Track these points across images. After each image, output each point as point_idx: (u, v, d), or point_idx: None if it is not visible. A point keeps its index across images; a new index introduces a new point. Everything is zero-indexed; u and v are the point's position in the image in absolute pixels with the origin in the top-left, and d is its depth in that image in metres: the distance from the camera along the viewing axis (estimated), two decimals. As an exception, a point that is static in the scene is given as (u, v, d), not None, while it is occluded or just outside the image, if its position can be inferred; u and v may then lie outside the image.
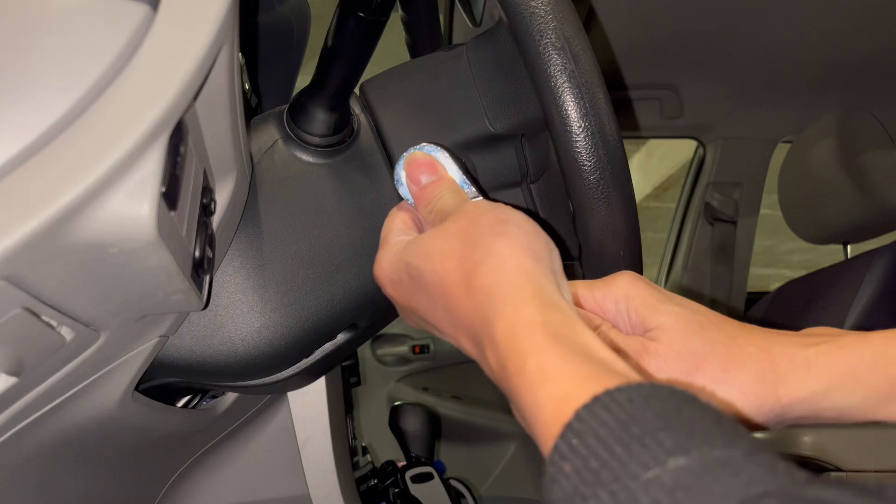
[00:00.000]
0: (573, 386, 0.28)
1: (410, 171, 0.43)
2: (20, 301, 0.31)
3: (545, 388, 0.29)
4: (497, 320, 0.33)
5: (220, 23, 0.34)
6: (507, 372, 0.31)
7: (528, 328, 0.31)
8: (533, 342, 0.31)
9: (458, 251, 0.37)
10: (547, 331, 0.31)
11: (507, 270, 0.34)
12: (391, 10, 0.52)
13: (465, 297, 0.35)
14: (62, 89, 0.31)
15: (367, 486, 1.01)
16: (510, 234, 0.36)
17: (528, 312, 0.32)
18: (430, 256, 0.38)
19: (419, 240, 0.39)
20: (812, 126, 1.48)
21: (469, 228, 0.37)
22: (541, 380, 0.29)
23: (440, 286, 0.37)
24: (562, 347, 0.30)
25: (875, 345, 0.38)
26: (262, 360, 0.54)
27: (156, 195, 0.32)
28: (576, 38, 0.43)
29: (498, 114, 0.55)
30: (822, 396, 0.37)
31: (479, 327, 0.34)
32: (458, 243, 0.37)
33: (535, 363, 0.30)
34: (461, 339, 0.37)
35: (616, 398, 0.26)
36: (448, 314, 0.37)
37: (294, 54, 0.79)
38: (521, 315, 0.32)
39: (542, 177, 0.61)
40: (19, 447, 0.41)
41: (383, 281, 0.43)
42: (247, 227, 0.53)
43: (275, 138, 0.56)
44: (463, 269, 0.36)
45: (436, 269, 0.37)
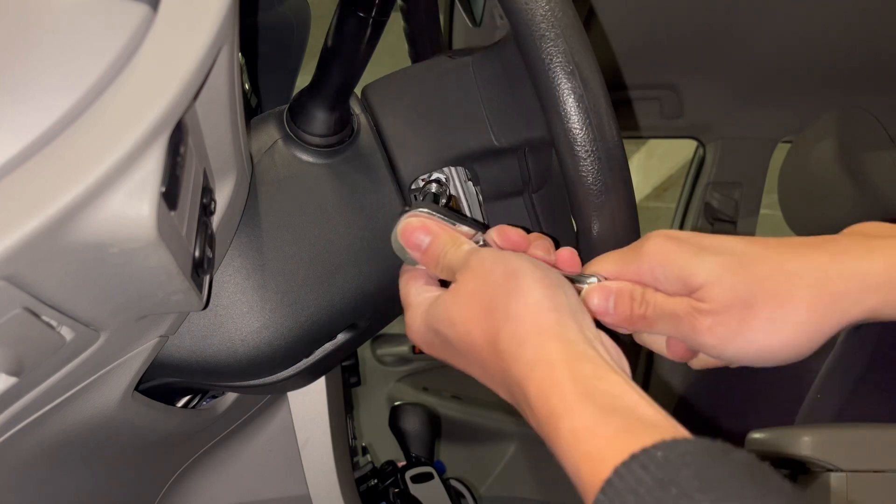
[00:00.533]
0: (605, 444, 0.29)
1: (407, 239, 0.44)
2: (20, 301, 0.31)
3: (580, 448, 0.30)
4: (528, 385, 0.33)
5: (220, 23, 0.34)
6: (545, 433, 0.33)
7: (557, 389, 0.32)
8: (564, 403, 0.32)
9: (476, 316, 0.37)
10: (576, 389, 0.32)
11: (529, 332, 0.34)
12: (391, 10, 0.52)
13: (494, 361, 0.36)
14: (62, 89, 0.31)
15: (367, 486, 1.01)
16: (523, 291, 0.36)
17: (556, 373, 0.33)
18: (453, 324, 0.39)
19: (440, 305, 0.40)
20: (812, 126, 1.48)
21: (481, 289, 0.37)
22: (574, 440, 0.30)
23: (471, 351, 0.38)
24: (592, 405, 0.31)
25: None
26: (261, 360, 0.54)
27: (156, 195, 0.32)
28: (585, 62, 0.44)
29: (503, 129, 0.55)
30: (881, 306, 0.36)
31: (513, 388, 0.35)
32: (475, 308, 0.37)
33: (568, 425, 0.31)
34: (502, 393, 0.38)
35: (653, 456, 0.27)
36: (485, 374, 0.38)
37: (294, 54, 0.79)
38: (549, 377, 0.33)
39: (544, 187, 0.61)
40: (19, 447, 0.41)
41: (418, 342, 0.43)
42: (247, 227, 0.53)
43: (275, 138, 0.56)
44: (486, 335, 0.36)
45: (461, 336, 0.38)
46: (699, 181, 2.01)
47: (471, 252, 0.40)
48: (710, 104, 1.84)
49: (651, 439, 0.28)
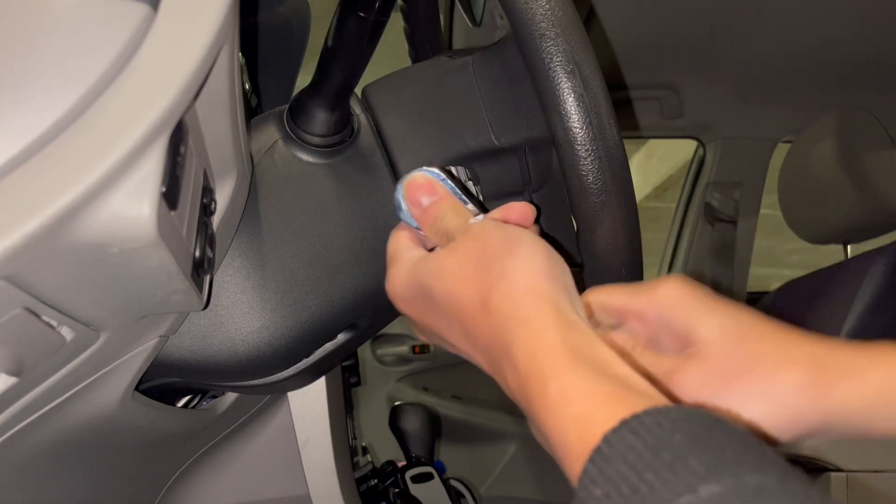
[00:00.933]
0: (597, 408, 0.28)
1: (410, 194, 0.43)
2: (20, 301, 0.31)
3: (568, 411, 0.29)
4: (516, 343, 0.33)
5: (220, 23, 0.34)
6: (529, 395, 0.31)
7: (549, 350, 0.31)
8: (553, 364, 0.31)
9: (471, 273, 0.36)
10: (567, 351, 0.31)
11: (523, 292, 0.34)
12: (391, 10, 0.52)
13: (481, 320, 0.35)
14: (62, 89, 0.31)
15: (367, 486, 1.01)
16: (522, 254, 0.35)
17: (548, 334, 0.32)
18: (443, 277, 0.38)
19: (431, 259, 0.39)
20: (812, 126, 1.48)
21: (481, 250, 0.37)
22: (563, 402, 0.29)
23: (455, 307, 0.37)
24: (583, 367, 0.30)
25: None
26: (262, 360, 0.54)
27: (156, 195, 0.32)
28: (585, 62, 0.43)
29: (503, 128, 0.55)
30: (872, 411, 0.34)
31: (496, 349, 0.34)
32: (471, 265, 0.37)
33: (557, 385, 0.30)
34: (478, 359, 0.37)
35: (644, 422, 0.26)
36: (465, 334, 0.37)
37: (294, 54, 0.79)
38: (541, 337, 0.32)
39: (545, 186, 0.61)
40: (19, 447, 0.41)
41: (396, 299, 0.42)
42: (247, 227, 0.53)
43: (275, 138, 0.56)
44: (478, 291, 0.36)
45: (450, 290, 0.37)
46: (699, 181, 2.01)
47: (472, 222, 0.40)
48: (710, 104, 1.84)
49: (643, 406, 0.27)
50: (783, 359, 0.35)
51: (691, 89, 1.80)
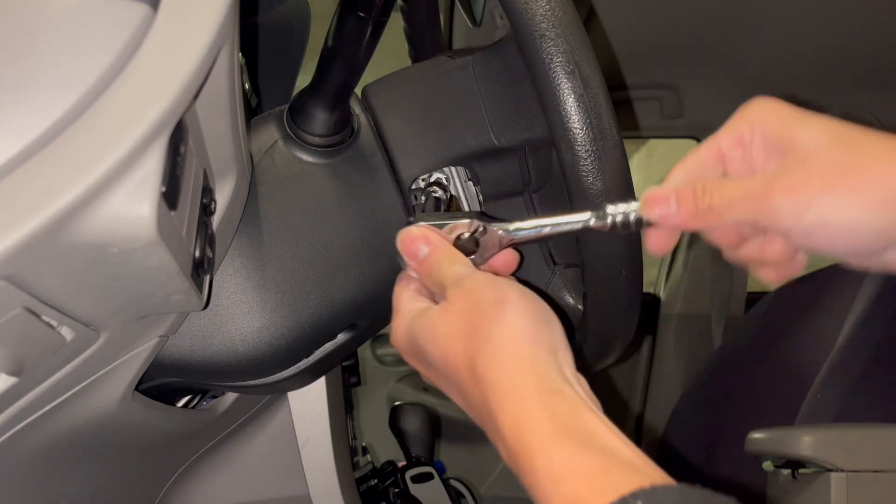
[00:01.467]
0: (583, 488, 0.28)
1: (406, 248, 0.43)
2: (20, 301, 0.31)
3: (556, 490, 0.29)
4: (501, 415, 0.33)
5: (220, 23, 0.34)
6: (519, 468, 0.32)
7: (533, 423, 0.31)
8: (539, 440, 0.31)
9: (461, 334, 0.37)
10: (553, 424, 0.31)
11: (506, 360, 0.34)
12: (391, 10, 0.52)
13: (471, 385, 0.36)
14: (62, 89, 0.31)
15: (367, 486, 1.01)
16: (508, 319, 0.35)
17: (532, 406, 0.32)
18: (436, 338, 0.38)
19: (426, 318, 0.39)
20: (812, 126, 1.47)
21: (469, 310, 0.37)
22: (551, 481, 0.30)
23: (448, 369, 0.38)
24: (569, 441, 0.30)
25: None
26: (262, 360, 0.54)
27: (156, 195, 0.32)
28: (585, 62, 0.43)
29: (503, 129, 0.55)
30: None
31: (485, 415, 0.35)
32: (459, 325, 0.37)
33: (543, 463, 0.30)
34: (476, 420, 0.38)
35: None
36: (460, 396, 0.38)
37: (294, 54, 0.79)
38: (525, 409, 0.32)
39: (544, 186, 0.61)
40: (20, 447, 0.41)
41: (399, 350, 0.43)
42: (247, 227, 0.53)
43: (275, 138, 0.56)
44: (467, 354, 0.36)
45: (442, 352, 0.38)
46: (699, 181, 2.01)
47: (464, 273, 0.39)
48: (710, 104, 1.84)
49: (630, 484, 0.27)
50: (888, 154, 0.33)
51: (691, 89, 1.80)
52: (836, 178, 0.33)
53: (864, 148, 0.33)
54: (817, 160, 0.33)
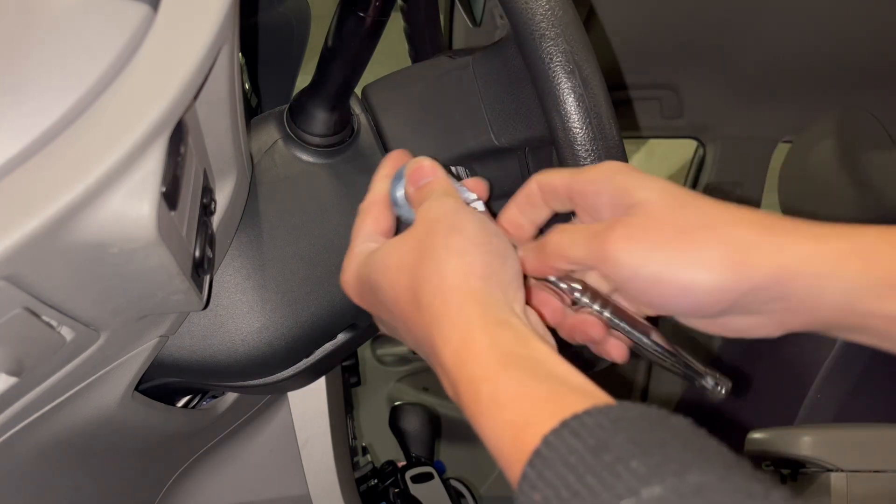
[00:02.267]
0: (531, 411, 0.27)
1: (411, 174, 0.41)
2: (20, 301, 0.31)
3: (502, 416, 0.28)
4: (444, 346, 0.32)
5: (220, 23, 0.34)
6: (462, 399, 0.31)
7: (477, 353, 0.30)
8: (483, 367, 0.30)
9: (410, 264, 0.35)
10: (496, 352, 0.30)
11: (451, 289, 0.33)
12: (391, 10, 0.52)
13: (416, 316, 0.34)
14: (62, 89, 0.31)
15: (367, 486, 1.01)
16: (457, 248, 0.34)
17: (475, 335, 0.31)
18: (386, 270, 0.37)
19: (380, 251, 0.38)
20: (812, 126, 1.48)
21: (424, 238, 0.36)
22: (496, 407, 0.28)
23: (395, 303, 0.36)
24: (514, 369, 0.29)
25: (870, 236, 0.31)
26: (262, 360, 0.54)
27: (156, 195, 0.32)
28: (585, 62, 0.43)
29: (503, 128, 0.55)
30: (821, 280, 0.31)
31: (430, 349, 0.34)
32: (412, 255, 0.35)
33: (488, 390, 0.29)
34: (422, 354, 0.36)
35: (585, 422, 0.25)
36: (406, 330, 0.37)
37: (294, 54, 0.79)
38: (468, 339, 0.31)
39: None
40: (20, 447, 0.41)
41: (348, 291, 0.41)
42: (247, 227, 0.53)
43: (275, 138, 0.56)
44: (411, 286, 0.35)
45: (391, 283, 0.36)
46: (699, 181, 2.01)
47: (442, 202, 0.38)
48: (710, 104, 1.84)
49: (581, 405, 0.26)
50: (735, 218, 0.33)
51: (691, 89, 1.80)
52: (675, 236, 0.33)
53: (706, 210, 0.33)
54: (660, 217, 0.33)
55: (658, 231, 0.33)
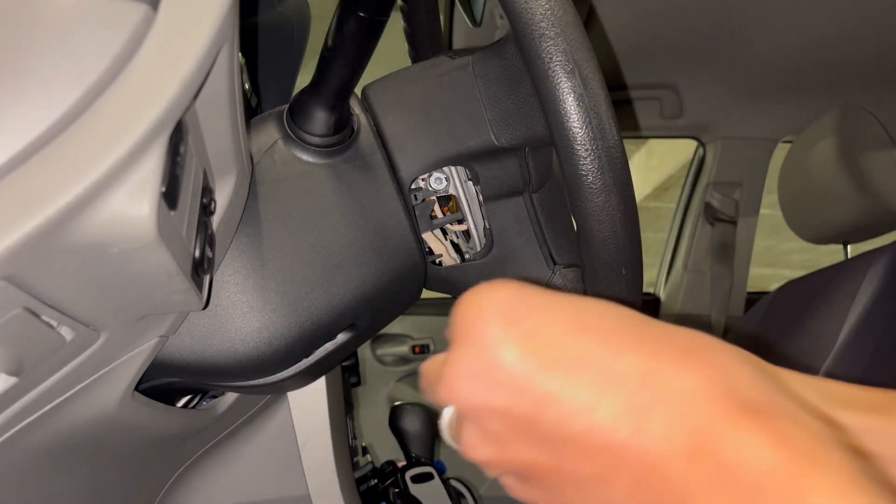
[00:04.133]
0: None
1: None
2: (20, 301, 0.31)
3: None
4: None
5: (220, 23, 0.34)
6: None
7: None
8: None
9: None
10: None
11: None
12: (391, 9, 0.52)
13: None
14: (62, 89, 0.31)
15: (367, 486, 1.01)
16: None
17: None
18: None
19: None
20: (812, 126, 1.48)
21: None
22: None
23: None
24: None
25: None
26: (262, 361, 0.54)
27: (156, 195, 0.32)
28: (585, 62, 0.43)
29: (503, 129, 0.55)
30: None
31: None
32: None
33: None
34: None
35: None
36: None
37: (294, 54, 0.79)
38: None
39: (544, 186, 0.61)
40: (19, 447, 0.41)
41: (489, 322, 0.27)
42: (247, 227, 0.53)
43: (275, 138, 0.56)
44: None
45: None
46: (699, 181, 2.01)
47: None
48: (710, 104, 1.84)
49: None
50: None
51: (691, 89, 1.80)
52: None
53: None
54: None
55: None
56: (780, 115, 1.87)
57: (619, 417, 0.24)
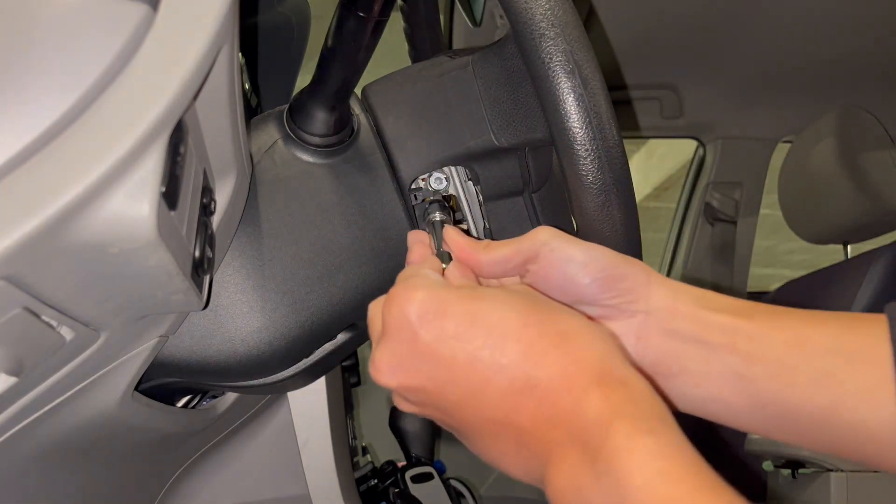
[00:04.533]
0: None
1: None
2: (20, 301, 0.31)
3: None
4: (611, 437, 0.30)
5: (220, 23, 0.34)
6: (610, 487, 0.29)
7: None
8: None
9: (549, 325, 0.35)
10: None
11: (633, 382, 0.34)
12: (391, 10, 0.52)
13: (547, 390, 0.33)
14: (62, 89, 0.31)
15: (367, 486, 1.01)
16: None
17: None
18: (504, 319, 0.35)
19: (486, 295, 0.36)
20: (812, 126, 1.48)
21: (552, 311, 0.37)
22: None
23: (501, 364, 0.34)
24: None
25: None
26: (262, 361, 0.54)
27: (156, 195, 0.32)
28: (585, 62, 0.43)
29: (503, 129, 0.55)
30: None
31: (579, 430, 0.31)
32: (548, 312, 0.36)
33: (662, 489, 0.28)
34: (512, 441, 0.34)
35: None
36: (509, 407, 0.34)
37: (294, 54, 0.79)
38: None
39: (544, 186, 0.61)
40: (19, 447, 0.41)
41: (408, 320, 0.35)
42: (247, 227, 0.53)
43: (275, 138, 0.56)
44: (565, 360, 0.33)
45: (508, 337, 0.34)
46: (699, 181, 2.01)
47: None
48: (710, 104, 1.84)
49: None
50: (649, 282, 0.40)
51: (691, 89, 1.80)
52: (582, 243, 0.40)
53: (634, 266, 0.41)
54: (596, 263, 0.40)
55: (592, 271, 0.39)
56: (779, 115, 1.87)
57: (504, 399, 0.33)
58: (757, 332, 0.37)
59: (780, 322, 0.37)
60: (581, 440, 0.30)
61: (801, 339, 0.36)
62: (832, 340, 0.36)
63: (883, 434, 0.34)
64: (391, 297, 0.36)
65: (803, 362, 0.36)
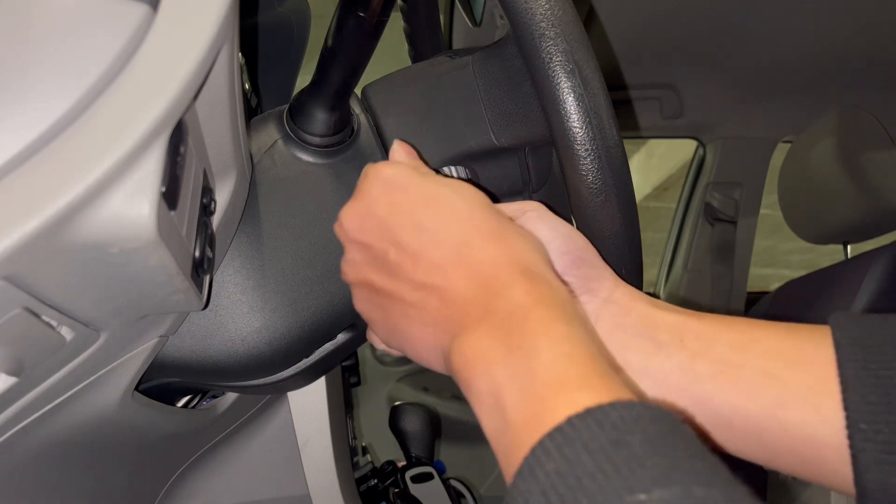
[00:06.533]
0: (568, 386, 0.30)
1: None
2: (20, 301, 0.31)
3: (541, 373, 0.31)
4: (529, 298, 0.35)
5: (220, 23, 0.34)
6: (515, 346, 0.32)
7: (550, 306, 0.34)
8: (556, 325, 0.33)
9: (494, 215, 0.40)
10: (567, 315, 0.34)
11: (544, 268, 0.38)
12: (391, 10, 0.52)
13: (478, 263, 0.37)
14: (62, 89, 0.31)
15: (367, 486, 1.01)
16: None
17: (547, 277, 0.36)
18: (462, 197, 0.40)
19: (451, 182, 0.41)
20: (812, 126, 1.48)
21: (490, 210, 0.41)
22: (539, 365, 0.31)
23: (446, 236, 0.38)
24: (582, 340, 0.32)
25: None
26: (262, 361, 0.54)
27: (156, 195, 0.32)
28: (585, 62, 0.43)
29: (503, 129, 0.55)
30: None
31: (492, 297, 0.35)
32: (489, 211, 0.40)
33: (563, 351, 0.32)
34: (427, 298, 0.38)
35: (609, 415, 0.27)
36: (441, 274, 0.37)
37: (294, 54, 0.79)
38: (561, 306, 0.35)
39: (544, 186, 0.61)
40: (19, 447, 0.41)
41: (367, 203, 0.42)
42: (247, 227, 0.53)
43: (275, 138, 0.56)
44: (501, 243, 0.38)
45: (459, 212, 0.39)
46: (699, 181, 2.01)
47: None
48: (710, 104, 1.84)
49: (608, 396, 0.29)
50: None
51: (691, 89, 1.80)
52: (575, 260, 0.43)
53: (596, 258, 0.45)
54: (570, 237, 0.44)
55: (565, 241, 0.43)
56: (779, 115, 1.87)
57: (437, 267, 0.37)
58: (704, 331, 0.39)
59: (727, 325, 0.40)
60: (498, 317, 0.34)
61: (747, 341, 0.38)
62: (778, 343, 0.38)
63: (823, 434, 0.35)
64: (368, 166, 0.43)
65: (748, 362, 0.37)
